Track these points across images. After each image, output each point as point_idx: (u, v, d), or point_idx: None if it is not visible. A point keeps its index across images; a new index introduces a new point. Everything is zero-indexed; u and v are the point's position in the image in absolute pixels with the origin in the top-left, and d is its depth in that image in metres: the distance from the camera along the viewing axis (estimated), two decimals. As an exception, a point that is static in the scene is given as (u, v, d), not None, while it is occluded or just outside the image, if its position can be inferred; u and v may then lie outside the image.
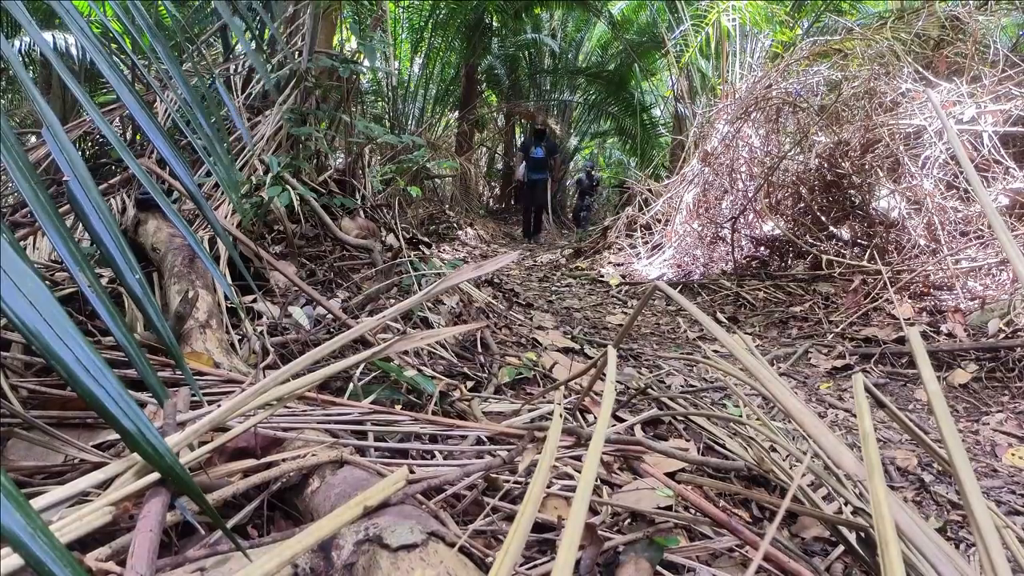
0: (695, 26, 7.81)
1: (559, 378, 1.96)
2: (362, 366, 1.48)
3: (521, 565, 0.87)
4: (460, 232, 7.75)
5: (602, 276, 5.31)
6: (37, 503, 0.70)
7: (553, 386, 1.79)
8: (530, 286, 4.84)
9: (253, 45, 3.73)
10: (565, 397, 1.63)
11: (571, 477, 1.13)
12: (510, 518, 0.98)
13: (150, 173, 2.32)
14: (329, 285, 2.39)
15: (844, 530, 0.95)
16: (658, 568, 0.90)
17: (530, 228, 9.31)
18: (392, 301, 2.25)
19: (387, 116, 8.47)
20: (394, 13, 9.18)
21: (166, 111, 2.93)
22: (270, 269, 2.16)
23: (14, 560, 0.58)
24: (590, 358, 2.42)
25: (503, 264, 1.16)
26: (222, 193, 2.64)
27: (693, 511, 1.03)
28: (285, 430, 1.03)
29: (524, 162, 9.14)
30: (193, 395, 1.12)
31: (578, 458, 1.17)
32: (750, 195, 4.79)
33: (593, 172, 12.20)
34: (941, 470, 1.61)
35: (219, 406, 0.92)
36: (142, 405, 1.03)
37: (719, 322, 3.54)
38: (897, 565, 0.48)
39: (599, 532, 0.93)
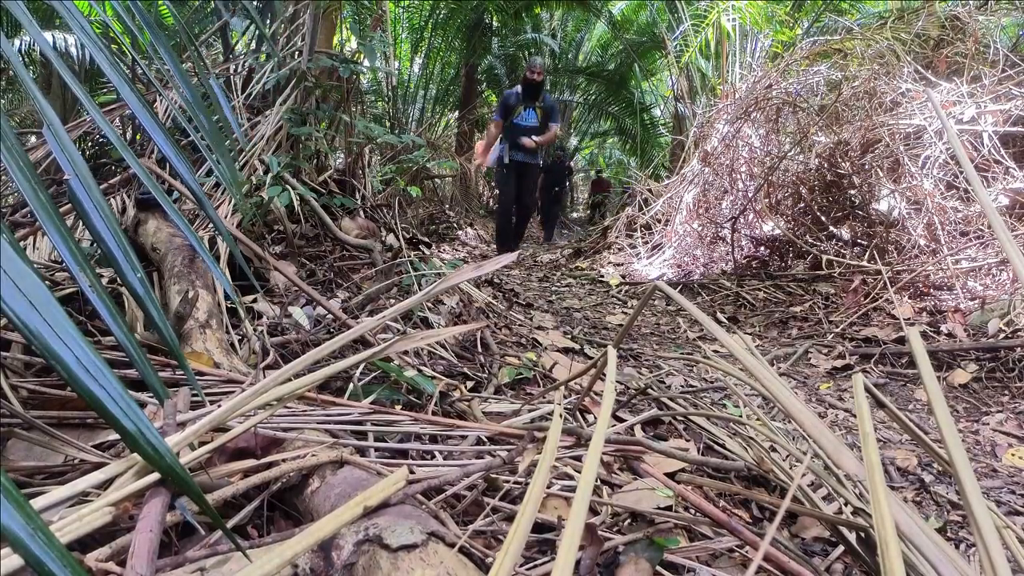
0: (695, 26, 7.82)
1: (559, 378, 1.96)
2: (362, 366, 1.48)
3: (521, 565, 0.87)
4: (460, 232, 7.75)
5: (602, 276, 5.31)
6: (37, 503, 0.70)
7: (553, 386, 1.79)
8: (530, 286, 4.84)
9: (254, 45, 3.74)
10: (565, 397, 1.63)
11: (571, 477, 1.13)
12: (510, 518, 0.98)
13: (150, 173, 2.31)
14: (329, 285, 2.39)
15: (844, 530, 0.95)
16: (658, 568, 0.90)
17: (509, 237, 5.78)
18: (392, 301, 2.25)
19: (387, 116, 8.46)
20: (394, 13, 9.18)
21: (167, 110, 2.93)
22: (270, 269, 2.16)
23: (14, 560, 0.58)
24: (590, 358, 2.42)
25: (503, 264, 1.16)
26: (222, 193, 2.64)
27: (693, 511, 1.03)
28: (285, 430, 1.03)
29: (502, 133, 5.52)
30: (195, 394, 1.12)
31: (578, 458, 1.17)
32: (750, 195, 4.79)
33: (562, 154, 9.52)
34: (941, 470, 1.61)
35: (219, 406, 0.91)
36: (142, 405, 1.03)
37: (719, 322, 3.54)
38: (897, 565, 0.48)
39: (599, 532, 0.93)
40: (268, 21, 3.47)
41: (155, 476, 0.75)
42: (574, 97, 13.77)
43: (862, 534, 0.92)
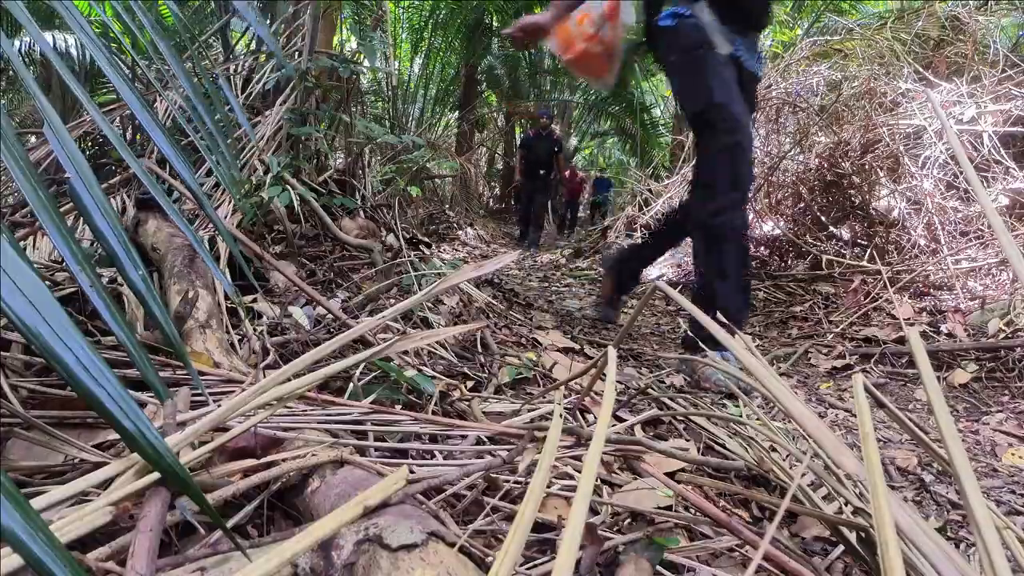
0: (695, 26, 7.79)
1: (559, 378, 1.96)
2: (362, 366, 1.48)
3: (521, 565, 0.87)
4: (460, 232, 7.74)
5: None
6: (37, 503, 0.70)
7: (553, 386, 1.79)
8: (530, 286, 4.84)
9: (254, 45, 3.74)
10: (565, 397, 1.63)
11: (571, 477, 1.13)
12: (510, 518, 0.97)
13: (150, 173, 2.31)
14: (329, 285, 2.38)
15: (844, 530, 0.95)
16: (658, 568, 0.90)
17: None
18: (392, 301, 2.25)
19: (387, 116, 8.46)
20: (394, 13, 9.18)
21: (167, 110, 2.93)
22: (270, 269, 2.16)
23: (14, 560, 0.58)
24: (590, 358, 2.42)
25: (503, 264, 1.16)
26: (222, 193, 2.64)
27: (693, 511, 1.03)
28: (285, 430, 1.03)
29: None
30: (199, 392, 1.12)
31: (578, 458, 1.17)
32: (750, 195, 4.78)
33: (548, 121, 6.78)
34: (941, 470, 1.60)
35: (219, 406, 0.91)
36: (142, 405, 1.03)
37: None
38: (897, 565, 0.48)
39: (599, 532, 0.93)
40: (269, 21, 3.47)
41: (155, 476, 0.74)
42: (574, 97, 13.77)
43: (862, 534, 0.92)
